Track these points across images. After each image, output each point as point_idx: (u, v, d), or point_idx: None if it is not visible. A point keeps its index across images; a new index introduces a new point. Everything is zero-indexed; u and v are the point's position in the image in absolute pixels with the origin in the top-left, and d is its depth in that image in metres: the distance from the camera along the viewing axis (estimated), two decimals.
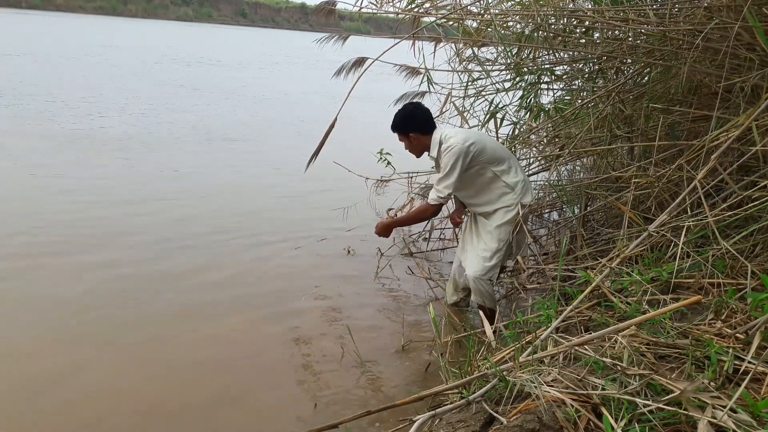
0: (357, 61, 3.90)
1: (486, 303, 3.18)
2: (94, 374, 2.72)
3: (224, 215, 5.12)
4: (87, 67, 15.04)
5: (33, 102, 9.58)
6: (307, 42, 6.05)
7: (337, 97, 4.58)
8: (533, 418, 1.56)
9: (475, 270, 3.15)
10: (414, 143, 3.19)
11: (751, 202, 2.33)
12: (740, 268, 2.29)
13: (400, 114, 3.18)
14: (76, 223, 4.58)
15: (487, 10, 3.90)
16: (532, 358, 1.86)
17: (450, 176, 3.02)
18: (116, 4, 56.74)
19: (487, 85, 4.30)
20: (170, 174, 6.35)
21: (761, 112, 2.38)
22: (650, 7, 3.20)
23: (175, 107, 10.58)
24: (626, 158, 3.85)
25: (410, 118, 3.14)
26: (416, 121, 3.14)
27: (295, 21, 72.71)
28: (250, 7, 70.62)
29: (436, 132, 3.14)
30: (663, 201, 2.90)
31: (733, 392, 1.51)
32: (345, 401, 2.63)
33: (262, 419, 2.49)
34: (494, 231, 3.15)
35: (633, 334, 1.84)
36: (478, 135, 3.29)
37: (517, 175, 3.15)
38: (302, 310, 3.49)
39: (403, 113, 3.17)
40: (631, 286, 2.33)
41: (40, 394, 2.53)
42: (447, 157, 3.00)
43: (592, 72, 3.96)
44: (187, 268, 3.96)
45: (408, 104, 3.29)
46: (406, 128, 3.16)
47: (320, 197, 5.80)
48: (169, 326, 3.20)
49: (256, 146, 8.20)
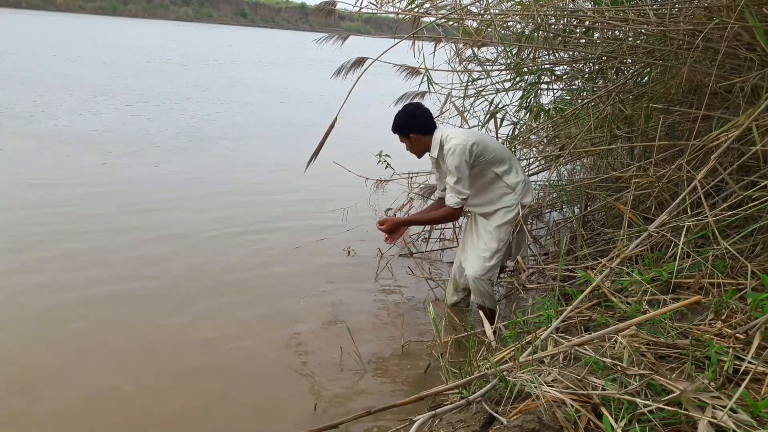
0: (357, 61, 3.90)
1: (486, 303, 3.18)
2: (92, 377, 2.72)
3: (223, 215, 5.12)
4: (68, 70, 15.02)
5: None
6: (306, 42, 6.04)
7: (330, 97, 4.56)
8: (533, 418, 1.56)
9: (475, 270, 3.16)
10: (415, 144, 3.19)
11: (751, 202, 2.33)
12: (740, 268, 2.29)
13: (400, 115, 3.18)
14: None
15: (487, 10, 3.90)
16: (532, 358, 1.86)
17: (462, 177, 3.02)
18: (116, 4, 56.75)
19: (487, 85, 4.29)
20: (165, 177, 6.35)
21: (761, 112, 2.38)
22: (650, 7, 3.20)
23: (177, 107, 10.59)
24: (626, 158, 3.84)
25: (410, 118, 3.14)
26: (416, 121, 3.14)
27: (295, 21, 72.72)
28: (250, 7, 70.63)
29: (437, 132, 3.14)
30: (663, 201, 2.90)
31: (733, 392, 1.51)
32: (345, 401, 2.63)
33: (262, 420, 2.49)
34: (494, 231, 3.15)
35: (633, 334, 1.84)
36: (480, 135, 3.29)
37: (518, 176, 3.16)
38: (302, 311, 3.49)
39: (404, 114, 3.17)
40: (631, 286, 2.33)
41: (36, 399, 2.53)
42: (452, 159, 3.00)
43: (592, 72, 3.96)
44: (185, 268, 3.96)
45: (408, 105, 3.28)
46: (406, 129, 3.16)
47: (319, 197, 5.79)
48: (168, 328, 3.20)
49: (252, 146, 8.20)
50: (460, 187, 3.04)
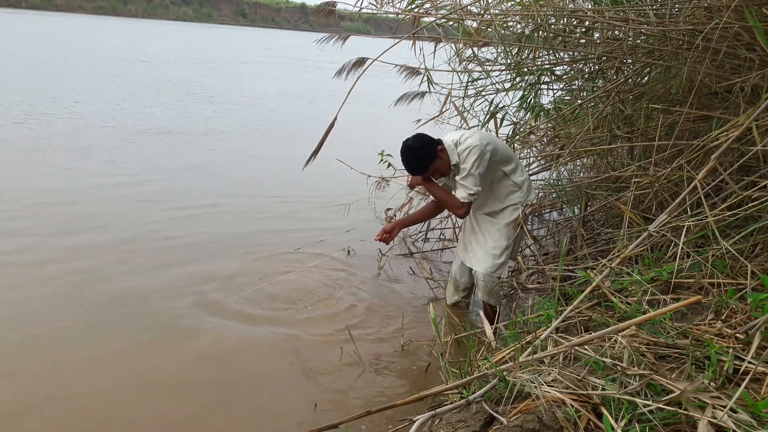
0: (357, 61, 3.89)
1: (491, 300, 3.21)
2: (88, 380, 2.72)
3: (221, 216, 5.12)
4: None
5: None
6: (307, 42, 6.03)
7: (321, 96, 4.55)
8: (533, 418, 1.56)
9: (486, 267, 3.18)
10: (438, 168, 3.07)
11: (751, 202, 2.33)
12: (740, 268, 2.29)
13: (408, 159, 3.03)
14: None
15: (487, 10, 3.90)
16: (532, 358, 1.86)
17: (475, 174, 2.98)
18: (116, 4, 56.76)
19: (487, 85, 4.29)
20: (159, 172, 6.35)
21: (761, 112, 2.38)
22: (650, 7, 3.20)
23: (179, 107, 10.59)
24: (626, 158, 3.84)
25: (418, 156, 3.02)
26: (424, 154, 3.02)
27: (295, 21, 72.75)
28: (250, 7, 70.65)
29: (444, 142, 3.07)
30: (663, 201, 2.90)
31: (733, 392, 1.51)
32: (345, 401, 2.63)
33: (262, 420, 2.49)
34: (503, 229, 3.17)
35: (633, 334, 1.84)
36: (489, 136, 3.27)
37: (523, 174, 3.21)
38: (301, 311, 3.49)
39: (410, 156, 3.03)
40: (631, 286, 2.33)
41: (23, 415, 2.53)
42: (469, 156, 2.97)
43: (592, 72, 3.96)
44: (183, 269, 3.96)
45: (404, 145, 3.05)
46: (424, 166, 3.04)
47: (319, 197, 5.79)
48: (167, 328, 3.20)
49: (250, 145, 8.20)
50: (470, 183, 2.99)
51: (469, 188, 3.01)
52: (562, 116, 4.03)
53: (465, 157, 3.00)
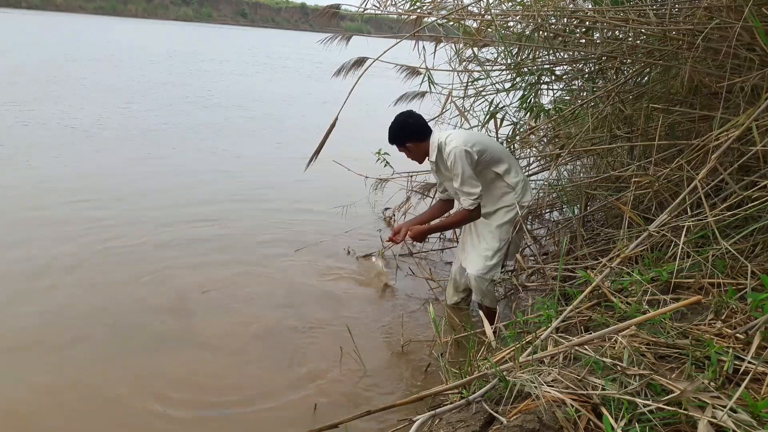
0: (357, 61, 3.89)
1: (485, 302, 3.20)
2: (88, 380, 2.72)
3: (220, 216, 5.12)
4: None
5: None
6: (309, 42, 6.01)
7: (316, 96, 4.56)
8: (533, 418, 1.56)
9: (477, 269, 3.17)
10: (413, 151, 3.20)
11: (751, 202, 2.33)
12: (740, 268, 2.29)
13: (393, 126, 3.18)
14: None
15: (487, 11, 3.90)
16: (532, 358, 1.86)
17: (467, 178, 3.01)
18: (116, 4, 56.71)
19: (487, 85, 4.29)
20: (158, 173, 6.35)
21: (761, 112, 2.38)
22: (650, 7, 3.20)
23: (184, 108, 10.60)
24: (626, 158, 3.84)
25: (404, 127, 3.15)
26: (410, 129, 3.14)
27: (295, 21, 72.70)
28: (250, 7, 70.61)
29: (434, 136, 3.14)
30: (663, 201, 2.90)
31: (733, 392, 1.51)
32: (345, 401, 2.63)
33: (262, 420, 2.49)
34: (495, 230, 3.16)
35: (633, 334, 1.84)
36: (479, 136, 3.29)
37: (518, 176, 3.18)
38: (301, 311, 3.49)
39: (396, 124, 3.17)
40: (631, 286, 2.33)
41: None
42: (455, 161, 2.99)
43: (592, 72, 3.96)
44: (184, 268, 3.96)
45: (399, 115, 3.24)
46: (402, 139, 3.17)
47: (318, 197, 5.79)
48: (166, 328, 3.20)
49: (249, 145, 8.20)
50: (468, 187, 3.03)
51: (471, 192, 3.03)
52: (562, 116, 4.03)
53: (452, 164, 3.02)
